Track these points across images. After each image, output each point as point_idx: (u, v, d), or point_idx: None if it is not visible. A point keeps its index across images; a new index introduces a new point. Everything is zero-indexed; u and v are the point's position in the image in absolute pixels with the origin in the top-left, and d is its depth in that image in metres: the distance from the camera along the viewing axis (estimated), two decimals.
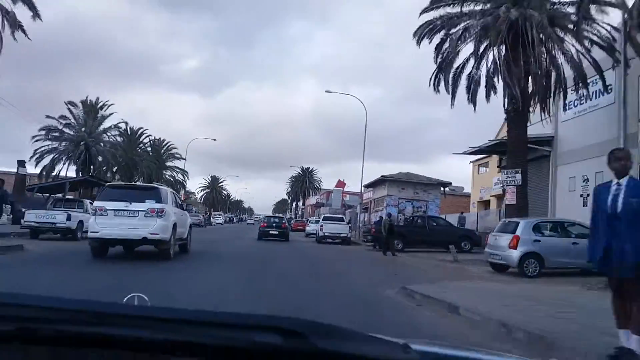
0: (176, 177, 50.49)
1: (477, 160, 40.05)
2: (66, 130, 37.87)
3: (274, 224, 29.42)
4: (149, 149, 43.59)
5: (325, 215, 34.90)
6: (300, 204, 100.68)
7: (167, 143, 49.23)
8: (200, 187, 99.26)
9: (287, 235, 29.51)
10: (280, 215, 73.73)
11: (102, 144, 38.90)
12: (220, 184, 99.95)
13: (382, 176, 38.72)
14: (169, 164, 49.99)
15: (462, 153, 25.62)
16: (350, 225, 32.62)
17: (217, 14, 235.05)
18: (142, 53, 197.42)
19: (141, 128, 44.01)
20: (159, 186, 13.65)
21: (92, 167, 37.76)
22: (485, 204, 39.13)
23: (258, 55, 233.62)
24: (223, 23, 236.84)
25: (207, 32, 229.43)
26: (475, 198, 42.87)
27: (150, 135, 45.32)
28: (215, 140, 55.70)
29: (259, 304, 7.41)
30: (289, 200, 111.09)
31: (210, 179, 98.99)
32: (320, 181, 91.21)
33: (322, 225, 29.72)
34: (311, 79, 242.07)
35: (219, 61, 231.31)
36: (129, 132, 42.36)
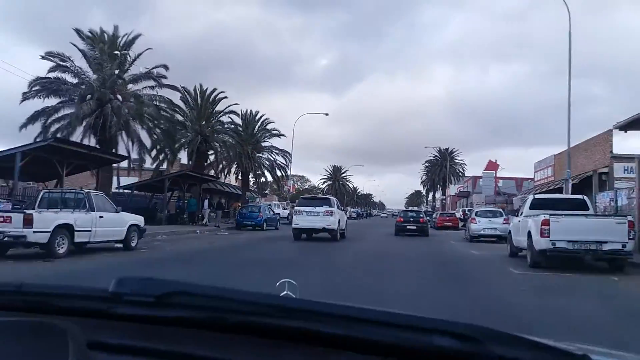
0: (276, 160, 41.90)
1: None
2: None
3: (411, 219, 27.97)
4: (233, 125, 34.89)
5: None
6: (437, 195, 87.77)
7: (262, 117, 41.04)
8: (321, 178, 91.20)
9: (427, 230, 27.64)
10: (417, 208, 63.57)
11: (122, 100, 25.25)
12: (343, 174, 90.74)
13: None
14: (265, 143, 41.69)
15: None
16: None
17: (347, 7, 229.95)
18: (277, 56, 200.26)
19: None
20: (330, 197, 24.19)
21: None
22: None
23: (389, 46, 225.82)
24: (354, 17, 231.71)
25: (339, 28, 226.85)
26: None
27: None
28: (327, 114, 46.93)
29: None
30: (424, 191, 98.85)
31: (332, 169, 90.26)
32: (464, 165, 77.57)
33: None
34: (445, 65, 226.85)
35: (349, 56, 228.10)
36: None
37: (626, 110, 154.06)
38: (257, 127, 41.22)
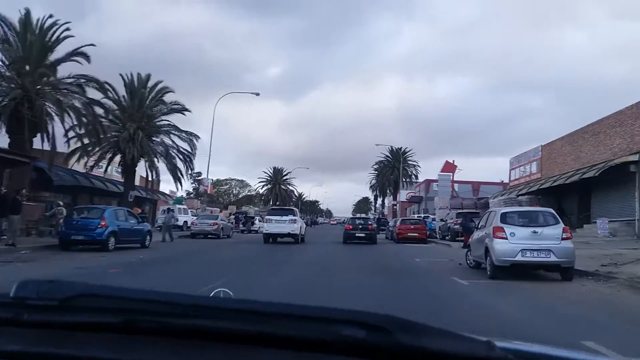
0: (179, 149, 30.01)
1: None
2: None
3: (359, 226, 26.36)
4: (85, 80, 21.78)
5: None
6: (387, 200, 78.19)
7: (158, 84, 28.99)
8: (260, 181, 78.86)
9: (375, 238, 25.99)
10: (366, 215, 54.83)
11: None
12: (285, 178, 78.73)
13: None
14: (162, 121, 29.84)
15: None
16: None
17: (300, 15, 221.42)
18: (229, 61, 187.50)
19: None
20: (294, 208, 28.63)
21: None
22: None
23: (342, 55, 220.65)
24: (307, 24, 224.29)
25: (292, 35, 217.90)
26: None
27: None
28: (258, 94, 36.18)
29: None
30: (372, 198, 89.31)
31: (272, 171, 77.91)
32: (418, 167, 68.17)
33: None
34: (395, 75, 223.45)
35: (302, 64, 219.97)
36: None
37: (560, 123, 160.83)
38: (148, 98, 29.26)
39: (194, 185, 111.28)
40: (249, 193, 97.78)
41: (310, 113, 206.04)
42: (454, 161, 58.09)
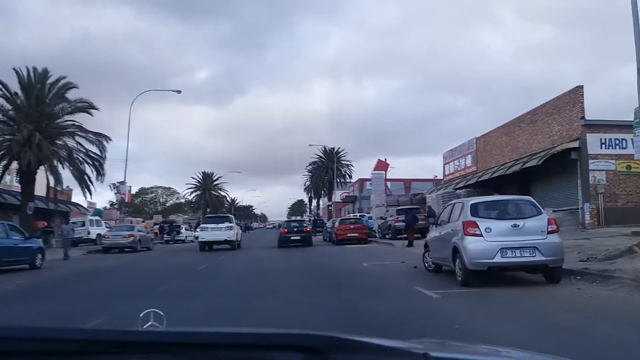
0: (87, 150, 26.35)
1: None
2: None
3: (294, 229, 25.56)
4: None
5: None
6: (322, 202, 76.62)
7: (60, 80, 25.27)
8: (188, 188, 74.26)
9: (310, 240, 25.43)
10: (301, 218, 53.03)
11: None
12: (216, 183, 74.55)
13: None
14: (67, 122, 26.10)
15: None
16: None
17: (227, 18, 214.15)
18: (153, 66, 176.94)
19: None
20: (229, 215, 29.38)
21: None
22: None
23: (271, 59, 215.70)
24: (235, 28, 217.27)
25: (220, 39, 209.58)
26: None
27: None
28: (179, 92, 32.79)
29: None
30: (307, 200, 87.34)
31: (201, 176, 73.47)
32: (352, 166, 67.03)
33: None
34: (324, 78, 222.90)
35: (231, 68, 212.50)
36: None
37: (482, 121, 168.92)
38: (48, 95, 25.40)
39: (117, 194, 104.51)
40: (178, 201, 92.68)
41: (241, 118, 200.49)
42: (385, 159, 57.51)
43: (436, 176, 51.36)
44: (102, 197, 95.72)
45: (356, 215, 40.50)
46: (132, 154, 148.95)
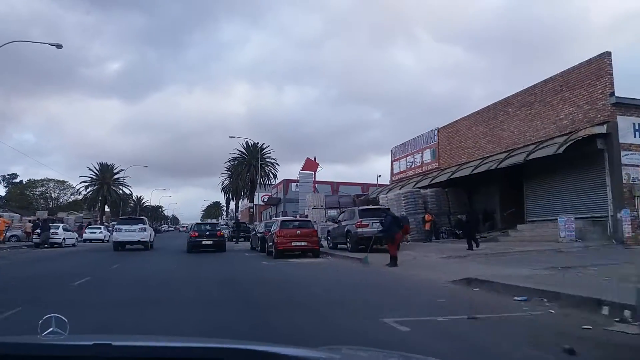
0: None
1: None
2: None
3: (206, 233, 23.34)
4: None
5: None
6: (241, 203, 68.57)
7: None
8: (83, 182, 62.52)
9: (224, 246, 23.79)
10: (216, 221, 45.24)
11: None
12: (116, 177, 63.37)
13: None
14: None
15: None
16: None
17: (146, 11, 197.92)
18: (58, 54, 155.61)
19: None
20: (143, 217, 30.26)
21: None
22: None
23: (190, 57, 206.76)
24: (153, 22, 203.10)
25: (136, 31, 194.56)
26: None
27: None
28: (60, 46, 23.77)
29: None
30: (224, 201, 78.67)
31: (97, 168, 61.91)
32: (277, 164, 59.49)
33: None
34: (244, 81, 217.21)
35: (146, 63, 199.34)
36: None
37: (395, 134, 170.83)
38: None
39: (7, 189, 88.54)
40: (76, 198, 79.95)
41: (155, 115, 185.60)
42: (315, 158, 51.02)
43: (380, 175, 45.97)
44: None
45: (302, 215, 33.28)
46: (31, 147, 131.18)
